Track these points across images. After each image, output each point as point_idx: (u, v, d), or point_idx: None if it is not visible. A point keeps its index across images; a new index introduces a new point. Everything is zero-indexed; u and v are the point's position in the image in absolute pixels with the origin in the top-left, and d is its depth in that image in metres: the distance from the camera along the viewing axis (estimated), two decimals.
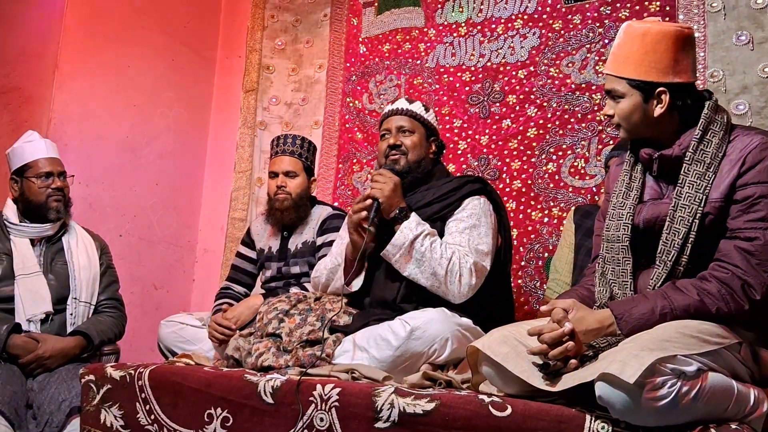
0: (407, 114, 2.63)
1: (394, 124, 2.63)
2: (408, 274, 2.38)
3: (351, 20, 4.07)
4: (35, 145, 2.86)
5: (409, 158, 2.58)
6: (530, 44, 3.44)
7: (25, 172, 2.82)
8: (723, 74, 2.96)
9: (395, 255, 2.38)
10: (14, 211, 2.84)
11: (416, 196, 2.55)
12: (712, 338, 1.60)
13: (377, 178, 2.44)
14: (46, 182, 2.81)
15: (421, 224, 2.40)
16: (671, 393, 1.44)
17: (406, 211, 2.42)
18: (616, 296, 1.85)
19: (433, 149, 2.67)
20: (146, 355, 3.50)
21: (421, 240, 2.36)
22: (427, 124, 2.66)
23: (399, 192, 2.45)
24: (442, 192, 2.53)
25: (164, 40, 4.10)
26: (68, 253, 2.85)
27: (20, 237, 2.78)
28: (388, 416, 1.75)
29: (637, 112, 1.85)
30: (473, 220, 2.45)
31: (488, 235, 2.45)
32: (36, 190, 2.79)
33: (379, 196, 2.40)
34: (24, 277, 2.70)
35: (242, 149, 4.19)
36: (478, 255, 2.39)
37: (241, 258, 3.22)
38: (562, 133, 3.29)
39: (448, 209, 2.50)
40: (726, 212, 1.76)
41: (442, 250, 2.36)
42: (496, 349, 1.75)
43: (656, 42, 1.81)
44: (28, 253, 2.76)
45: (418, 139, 2.61)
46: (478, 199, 2.51)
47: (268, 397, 1.93)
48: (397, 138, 2.60)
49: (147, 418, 2.16)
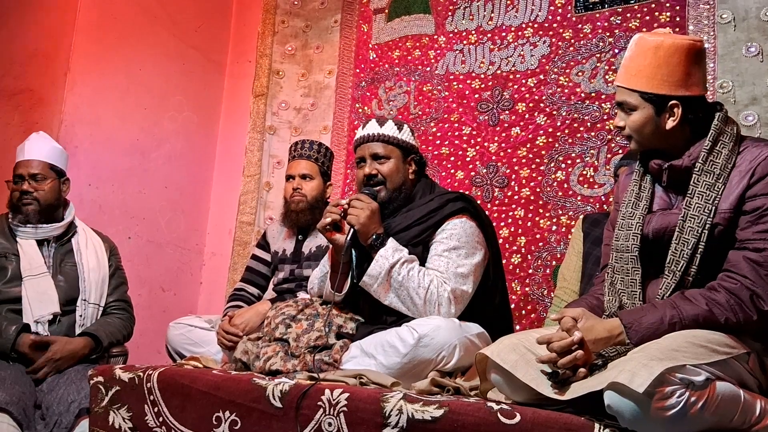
0: (380, 140, 2.52)
1: (368, 151, 2.52)
2: (388, 302, 2.34)
3: (361, 26, 4.09)
4: (24, 146, 2.87)
5: (389, 187, 2.49)
6: (540, 53, 3.45)
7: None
8: (732, 85, 2.96)
9: (373, 285, 2.34)
10: None
11: (397, 219, 2.48)
12: (720, 348, 1.60)
13: (355, 203, 2.38)
14: (18, 185, 2.81)
15: (399, 251, 2.35)
16: (680, 402, 1.44)
17: (382, 238, 2.36)
18: (625, 306, 1.85)
19: (414, 168, 2.57)
20: (153, 358, 3.51)
21: (398, 269, 2.31)
22: (402, 144, 2.53)
23: (376, 218, 2.39)
24: (422, 213, 2.45)
25: (175, 43, 4.13)
26: (77, 254, 2.85)
27: (25, 238, 2.78)
28: (397, 422, 1.75)
29: (649, 125, 1.85)
30: (453, 241, 2.38)
31: (469, 256, 2.38)
32: (10, 192, 2.84)
33: (355, 224, 2.35)
34: (31, 278, 2.70)
35: (251, 153, 4.21)
36: (457, 280, 2.33)
37: (255, 260, 3.25)
38: (571, 141, 3.30)
39: (429, 231, 2.43)
40: (735, 223, 1.76)
41: (419, 278, 2.31)
42: (505, 356, 1.75)
43: (669, 55, 1.82)
44: (35, 254, 2.76)
45: (395, 165, 2.50)
46: (459, 219, 2.43)
47: (277, 401, 1.94)
48: (372, 167, 2.50)
49: (155, 420, 2.16)
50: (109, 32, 3.72)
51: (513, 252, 3.33)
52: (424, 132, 3.72)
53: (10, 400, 2.30)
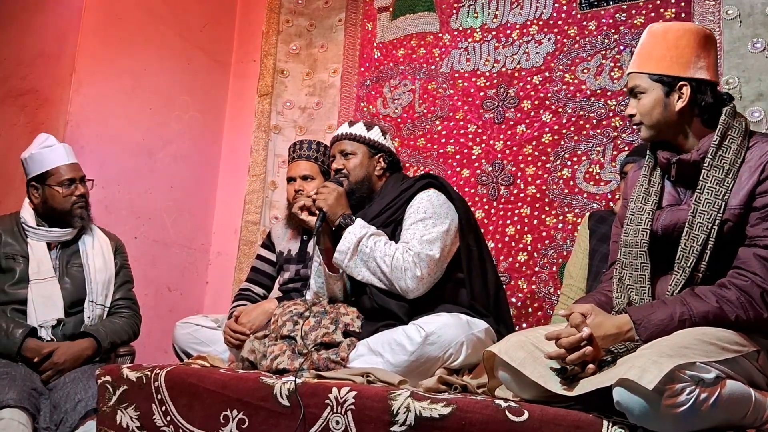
0: (347, 138, 2.71)
1: (338, 149, 2.72)
2: (362, 278, 2.44)
3: (366, 25, 4.08)
4: (55, 150, 2.82)
5: (351, 179, 2.65)
6: (545, 50, 3.44)
7: (46, 180, 2.79)
8: (738, 81, 2.95)
9: (344, 261, 2.44)
10: (32, 214, 2.82)
11: (371, 209, 2.62)
12: (730, 346, 1.60)
13: (322, 189, 2.55)
14: (70, 189, 2.78)
15: (366, 227, 2.46)
16: (690, 399, 1.44)
17: (350, 218, 2.50)
18: (634, 302, 1.84)
19: (382, 165, 2.71)
20: (160, 357, 3.52)
21: (365, 241, 2.42)
22: (368, 143, 2.70)
23: (343, 201, 2.55)
24: (393, 196, 2.60)
25: (180, 44, 4.13)
26: (84, 255, 2.83)
27: (37, 240, 2.76)
28: (404, 420, 1.75)
29: (658, 107, 1.86)
30: (420, 213, 2.47)
31: (437, 225, 2.44)
32: (60, 199, 2.77)
33: (324, 206, 2.50)
34: (38, 282, 2.69)
35: (256, 153, 4.20)
36: (422, 245, 2.39)
37: (260, 260, 3.25)
38: (577, 139, 3.29)
39: (399, 211, 2.56)
40: (745, 219, 1.76)
41: (385, 248, 2.41)
42: (512, 354, 1.75)
43: (678, 38, 1.85)
44: (45, 257, 2.75)
45: (359, 160, 2.68)
46: (426, 193, 2.54)
47: (284, 399, 1.94)
48: (339, 162, 2.70)
49: (163, 419, 2.17)
50: (114, 33, 3.72)
51: (519, 250, 3.32)
52: (429, 130, 3.71)
53: (22, 397, 2.31)
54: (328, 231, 2.55)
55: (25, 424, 2.27)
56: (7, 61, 3.70)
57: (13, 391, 2.31)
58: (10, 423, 2.23)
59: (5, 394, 2.28)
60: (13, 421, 2.24)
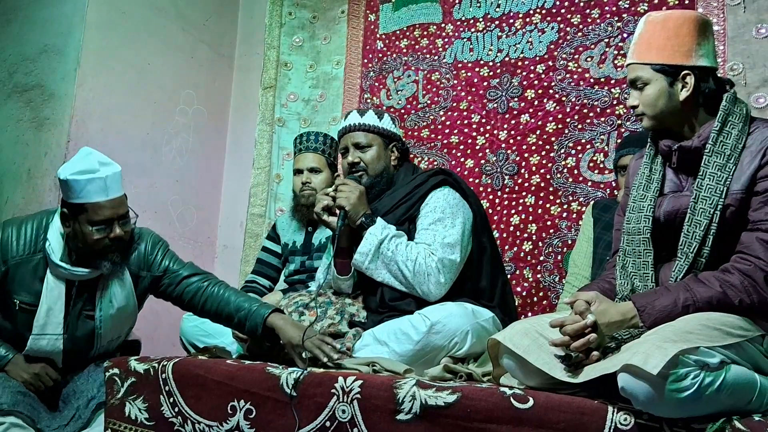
0: (361, 129, 2.60)
1: (350, 141, 2.61)
2: (381, 279, 2.39)
3: (368, 16, 4.08)
4: (94, 182, 2.26)
5: (370, 173, 2.57)
6: (548, 39, 3.44)
7: (79, 214, 2.27)
8: (743, 67, 2.94)
9: (364, 263, 2.39)
10: (59, 243, 2.34)
11: (383, 202, 2.55)
12: (735, 331, 1.60)
13: (342, 188, 2.45)
14: (105, 232, 2.28)
15: (387, 228, 2.41)
16: (694, 384, 1.44)
17: (371, 218, 2.43)
18: (638, 289, 1.84)
19: (396, 155, 2.65)
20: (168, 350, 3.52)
21: (386, 243, 2.37)
22: (383, 133, 2.62)
23: (364, 200, 2.46)
24: (405, 192, 2.53)
25: (184, 37, 4.14)
26: (99, 298, 2.39)
27: (56, 278, 2.32)
28: (410, 408, 1.76)
29: (662, 97, 1.85)
30: (438, 213, 2.43)
31: (455, 225, 2.42)
32: (92, 240, 2.27)
33: (346, 205, 2.42)
34: (42, 337, 2.32)
35: (261, 146, 4.21)
36: (444, 249, 2.36)
37: (266, 252, 3.27)
38: (581, 127, 3.28)
39: (414, 208, 2.50)
40: (747, 204, 1.75)
41: (407, 252, 2.35)
42: (517, 341, 1.75)
43: (678, 26, 1.83)
44: (58, 305, 2.33)
45: (376, 152, 2.59)
46: (441, 191, 2.49)
47: (291, 389, 1.95)
48: (355, 155, 2.59)
49: (171, 410, 2.18)
50: (118, 28, 3.73)
51: (524, 239, 3.32)
52: (433, 121, 3.71)
53: (16, 400, 2.22)
54: (346, 230, 2.47)
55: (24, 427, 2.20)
56: (12, 57, 3.72)
57: (6, 395, 2.21)
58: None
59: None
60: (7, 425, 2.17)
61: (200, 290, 2.48)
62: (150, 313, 3.05)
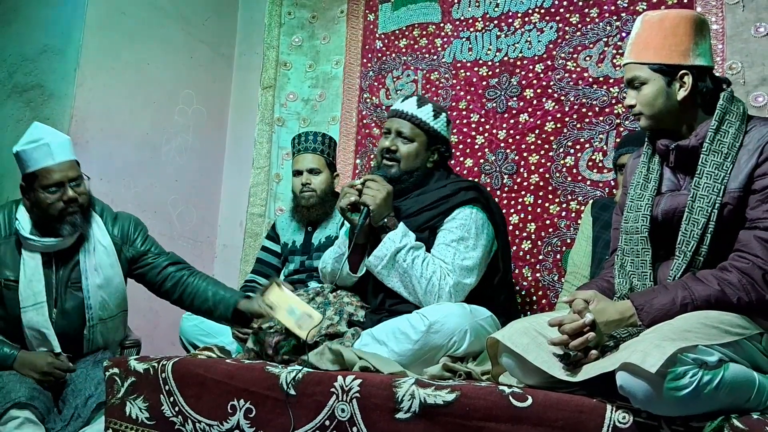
0: (411, 120, 2.52)
1: (395, 126, 2.53)
2: (391, 286, 2.38)
3: (367, 16, 4.08)
4: (40, 149, 2.38)
5: (402, 167, 2.51)
6: (547, 38, 3.44)
7: (33, 182, 2.42)
8: (742, 66, 2.94)
9: (377, 266, 2.38)
10: (26, 218, 2.47)
11: (407, 203, 2.50)
12: (733, 329, 1.60)
13: (370, 184, 2.41)
14: (57, 195, 2.40)
15: (407, 236, 2.37)
16: (693, 383, 1.44)
17: (393, 221, 2.40)
18: (636, 288, 1.85)
19: (435, 158, 2.57)
20: (167, 350, 3.53)
21: (404, 254, 2.34)
22: (431, 131, 2.54)
23: (390, 201, 2.42)
24: (434, 199, 2.47)
25: (183, 37, 4.14)
26: (84, 269, 2.50)
27: (31, 252, 2.45)
28: (409, 407, 1.76)
29: (660, 97, 1.85)
30: (462, 231, 2.39)
31: (476, 248, 2.39)
32: (46, 204, 2.39)
33: (371, 204, 2.38)
34: (28, 309, 2.42)
35: (260, 145, 4.22)
36: (461, 273, 2.35)
37: (265, 251, 3.27)
38: (579, 126, 3.29)
39: (439, 218, 2.45)
40: (745, 202, 1.76)
41: (422, 268, 2.33)
42: (516, 340, 1.76)
43: (675, 26, 1.83)
44: (36, 275, 2.43)
45: (415, 149, 2.52)
46: (470, 209, 2.44)
47: (290, 388, 1.96)
48: (394, 142, 2.52)
49: (171, 410, 2.19)
50: (118, 28, 3.74)
51: (523, 238, 3.32)
52: None
53: (32, 396, 2.30)
54: (365, 227, 2.43)
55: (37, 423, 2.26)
56: (12, 57, 3.72)
57: (24, 389, 2.29)
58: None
59: (16, 392, 2.27)
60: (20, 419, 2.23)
61: (181, 279, 2.64)
62: (150, 313, 3.06)
